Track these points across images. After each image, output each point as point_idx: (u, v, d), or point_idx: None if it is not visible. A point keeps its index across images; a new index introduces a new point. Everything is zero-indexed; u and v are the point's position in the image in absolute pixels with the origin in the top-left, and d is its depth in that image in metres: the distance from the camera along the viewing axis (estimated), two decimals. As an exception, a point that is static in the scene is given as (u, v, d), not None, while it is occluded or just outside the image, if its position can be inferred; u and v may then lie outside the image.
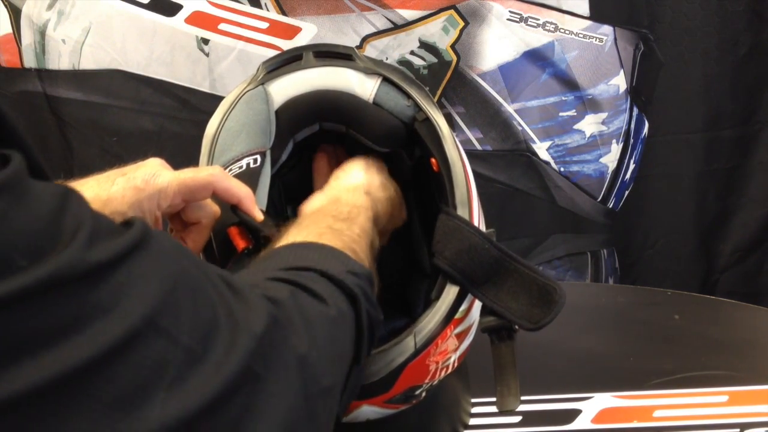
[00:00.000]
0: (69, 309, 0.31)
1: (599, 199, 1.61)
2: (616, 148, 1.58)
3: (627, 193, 1.62)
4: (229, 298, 0.40)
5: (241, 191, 0.63)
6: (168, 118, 1.52)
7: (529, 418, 0.85)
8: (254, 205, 0.64)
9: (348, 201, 0.66)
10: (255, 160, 0.68)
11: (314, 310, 0.47)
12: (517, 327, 0.65)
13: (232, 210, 0.62)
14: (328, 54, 0.73)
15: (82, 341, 0.31)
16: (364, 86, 0.72)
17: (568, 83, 1.54)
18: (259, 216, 0.63)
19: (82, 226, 0.33)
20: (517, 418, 0.85)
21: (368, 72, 0.72)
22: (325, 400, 0.45)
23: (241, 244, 0.62)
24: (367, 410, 0.66)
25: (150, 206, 0.58)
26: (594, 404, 0.87)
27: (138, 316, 0.33)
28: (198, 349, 0.36)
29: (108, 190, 0.57)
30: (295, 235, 0.58)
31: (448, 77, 1.53)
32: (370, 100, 0.72)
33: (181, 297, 0.36)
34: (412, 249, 0.84)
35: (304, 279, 0.49)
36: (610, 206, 1.62)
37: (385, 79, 0.72)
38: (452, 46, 1.51)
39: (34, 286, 0.30)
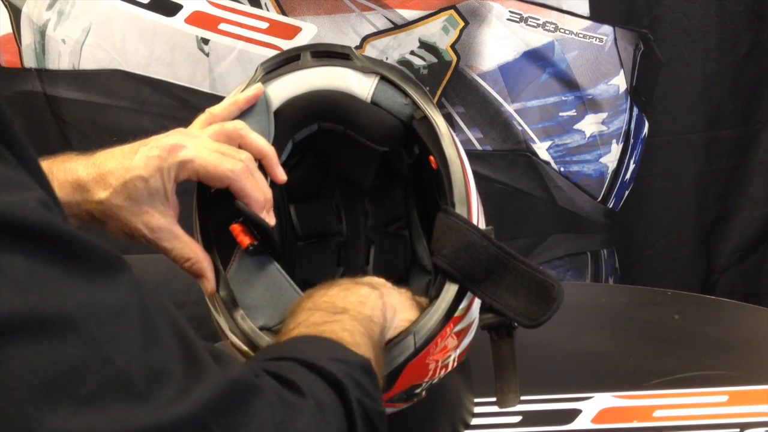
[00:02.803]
0: None
1: (599, 199, 1.61)
2: (616, 148, 1.58)
3: (627, 193, 1.62)
4: (202, 354, 0.38)
5: (253, 195, 0.61)
6: (168, 118, 1.52)
7: (529, 418, 0.84)
8: (263, 210, 0.62)
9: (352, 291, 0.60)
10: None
11: (290, 399, 0.43)
12: (516, 324, 0.65)
13: (234, 206, 0.61)
14: (326, 54, 0.73)
15: None
16: (361, 85, 0.72)
17: (568, 83, 1.54)
18: (271, 221, 0.63)
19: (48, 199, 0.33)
20: (517, 418, 0.85)
21: (366, 71, 0.72)
22: None
23: (246, 240, 0.61)
24: None
25: (169, 175, 0.60)
26: (594, 404, 0.86)
27: (53, 308, 0.32)
28: (138, 384, 0.33)
29: (130, 159, 0.59)
30: (289, 330, 0.54)
31: (448, 77, 1.53)
32: (368, 100, 0.72)
33: (128, 326, 0.35)
34: (413, 246, 0.84)
35: (279, 368, 0.45)
36: (610, 206, 1.62)
37: (383, 78, 0.72)
38: (452, 46, 1.51)
39: None
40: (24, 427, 0.30)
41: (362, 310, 0.57)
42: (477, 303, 0.68)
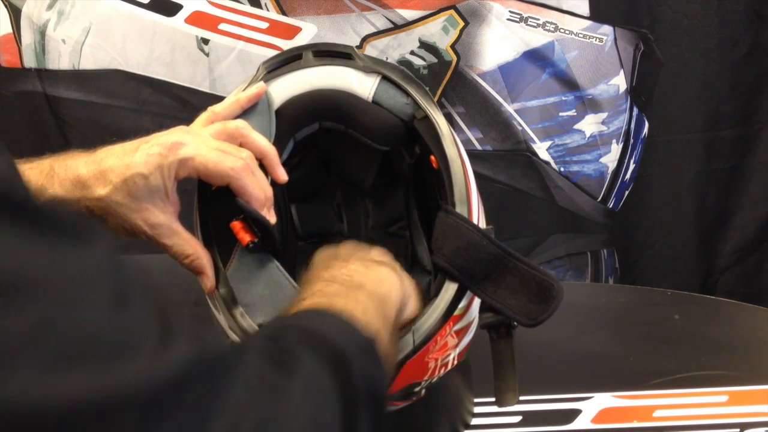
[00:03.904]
0: None
1: (599, 199, 1.61)
2: (616, 148, 1.58)
3: (627, 193, 1.62)
4: (175, 330, 0.36)
5: (254, 192, 0.61)
6: (168, 118, 1.52)
7: (529, 418, 0.84)
8: (263, 207, 0.62)
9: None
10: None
11: (276, 380, 0.41)
12: (515, 323, 0.65)
13: (235, 203, 0.61)
14: (328, 53, 0.73)
15: None
16: (363, 85, 0.72)
17: (568, 83, 1.54)
18: (271, 219, 0.63)
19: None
20: (517, 418, 0.85)
21: (367, 71, 0.72)
22: None
23: (246, 237, 0.61)
24: None
25: (169, 173, 0.60)
26: (594, 404, 0.86)
27: (7, 268, 0.29)
28: (103, 349, 0.31)
29: (131, 157, 0.59)
30: (302, 299, 0.54)
31: (448, 77, 1.53)
32: (370, 99, 0.72)
33: (94, 292, 0.32)
34: (413, 246, 0.84)
35: (280, 332, 0.46)
36: (610, 206, 1.62)
37: (384, 78, 0.72)
38: (452, 46, 1.51)
39: None
40: None
41: (379, 289, 0.58)
42: (477, 302, 0.68)
